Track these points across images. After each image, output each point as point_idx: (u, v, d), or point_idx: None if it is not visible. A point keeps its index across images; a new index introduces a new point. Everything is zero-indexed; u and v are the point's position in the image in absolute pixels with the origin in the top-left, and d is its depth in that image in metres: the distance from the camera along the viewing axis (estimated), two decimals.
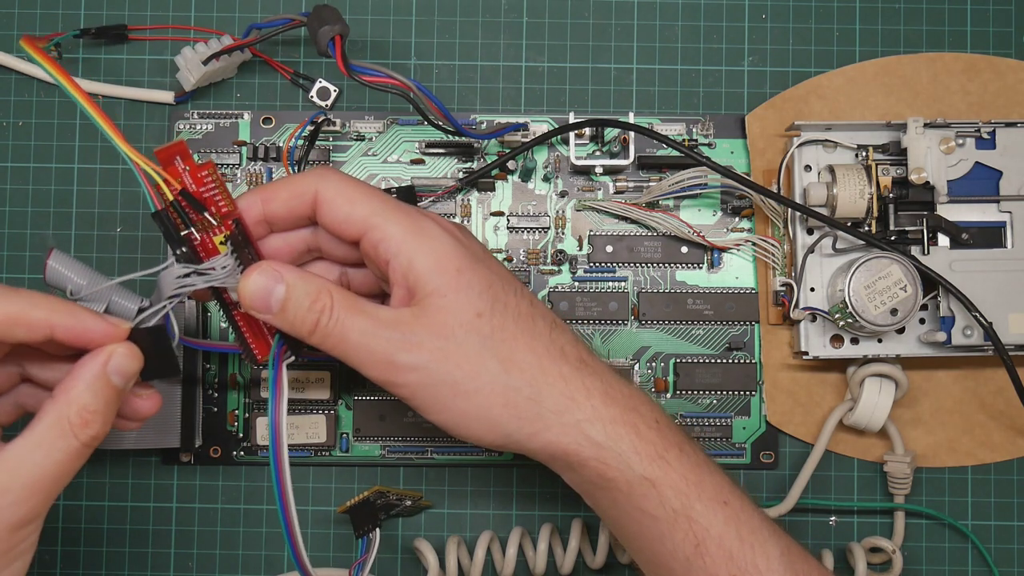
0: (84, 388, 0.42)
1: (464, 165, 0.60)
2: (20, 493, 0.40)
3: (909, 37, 0.61)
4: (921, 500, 0.59)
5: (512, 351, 0.45)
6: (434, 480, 0.59)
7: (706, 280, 0.59)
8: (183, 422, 0.56)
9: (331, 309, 0.44)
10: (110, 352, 0.43)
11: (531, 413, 0.45)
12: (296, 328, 0.44)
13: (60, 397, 0.42)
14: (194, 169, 0.45)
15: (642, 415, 0.47)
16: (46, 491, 0.41)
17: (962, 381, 0.59)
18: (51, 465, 0.41)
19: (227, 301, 0.47)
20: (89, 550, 0.59)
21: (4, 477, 0.40)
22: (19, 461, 0.41)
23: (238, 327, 0.47)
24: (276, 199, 0.46)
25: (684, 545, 0.46)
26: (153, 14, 0.60)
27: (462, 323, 0.44)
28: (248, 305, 0.44)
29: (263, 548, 0.59)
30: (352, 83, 0.59)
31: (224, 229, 0.45)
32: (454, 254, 0.45)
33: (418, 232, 0.45)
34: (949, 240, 0.57)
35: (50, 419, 0.41)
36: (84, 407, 0.41)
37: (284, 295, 0.44)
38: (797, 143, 0.57)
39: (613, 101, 0.61)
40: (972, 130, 0.57)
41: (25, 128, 0.60)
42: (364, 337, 0.44)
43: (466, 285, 0.45)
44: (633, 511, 0.46)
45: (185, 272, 0.45)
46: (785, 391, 0.59)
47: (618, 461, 0.45)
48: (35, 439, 0.41)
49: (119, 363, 0.43)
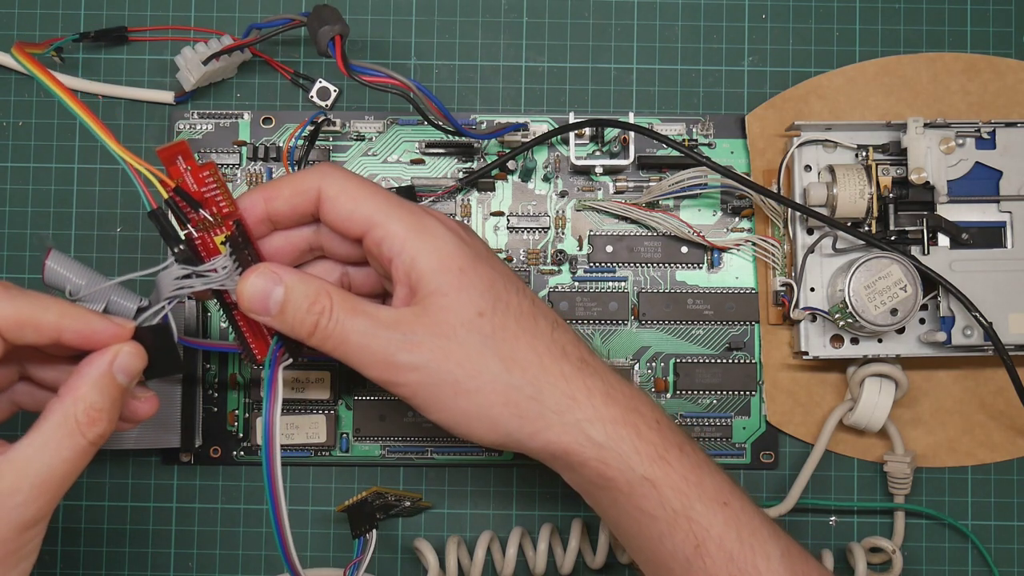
0: (91, 387, 0.42)
1: (464, 165, 0.60)
2: (29, 493, 0.40)
3: (909, 37, 0.61)
4: (921, 500, 0.59)
5: (514, 350, 0.45)
6: (434, 480, 0.59)
7: (706, 280, 0.59)
8: (183, 422, 0.56)
9: (330, 311, 0.44)
10: (116, 351, 0.43)
11: (532, 412, 0.45)
12: (295, 330, 0.44)
13: (66, 396, 0.42)
14: (195, 169, 0.45)
15: (643, 415, 0.47)
16: (54, 491, 0.41)
17: (962, 381, 0.59)
18: (59, 464, 0.41)
19: (227, 301, 0.47)
20: (89, 550, 0.59)
21: (13, 477, 0.40)
22: (27, 461, 0.41)
23: (238, 327, 0.47)
24: (279, 196, 0.46)
25: (684, 546, 0.46)
26: (153, 14, 0.60)
27: (463, 322, 0.44)
28: (247, 307, 0.44)
29: (263, 548, 0.59)
30: (352, 83, 0.59)
31: (225, 229, 0.45)
32: (457, 253, 0.45)
33: (421, 230, 0.45)
34: (949, 240, 0.57)
35: (57, 418, 0.41)
36: (91, 405, 0.42)
37: (283, 297, 0.44)
38: (797, 143, 0.57)
39: (613, 101, 0.61)
40: (972, 130, 0.57)
41: (25, 128, 0.60)
42: (364, 338, 0.44)
43: (468, 284, 0.45)
44: (633, 511, 0.46)
45: (184, 273, 0.45)
46: (785, 391, 0.59)
47: (619, 461, 0.45)
48: (42, 439, 0.41)
49: (125, 362, 0.43)
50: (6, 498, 0.40)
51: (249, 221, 0.46)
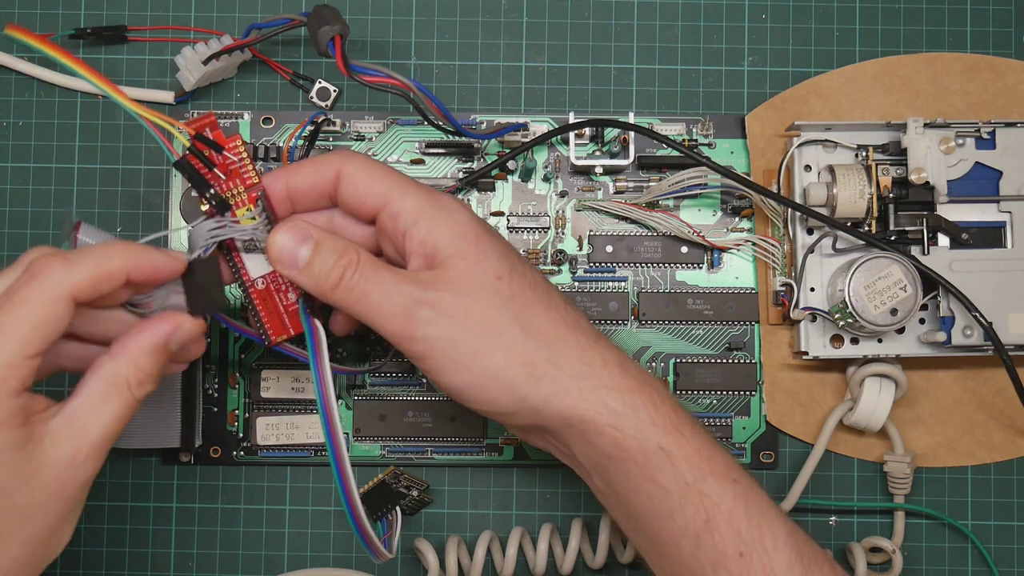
0: (145, 354, 0.43)
1: (464, 165, 0.60)
2: (90, 452, 0.42)
3: (909, 37, 0.61)
4: (921, 500, 0.59)
5: (531, 315, 0.46)
6: (434, 480, 0.59)
7: (706, 280, 0.59)
8: (183, 422, 0.56)
9: (357, 263, 0.46)
10: (178, 324, 0.44)
11: (548, 376, 0.46)
12: (320, 283, 0.46)
13: (120, 356, 0.43)
14: (222, 141, 0.47)
15: (657, 389, 0.47)
16: (109, 446, 0.43)
17: (962, 381, 0.59)
18: (114, 423, 0.43)
19: (245, 280, 0.49)
20: (89, 550, 0.59)
21: (75, 437, 0.42)
22: (87, 420, 0.42)
23: (254, 305, 0.49)
24: (300, 174, 0.48)
25: (695, 520, 0.46)
26: (153, 14, 0.60)
27: (483, 283, 0.46)
28: (276, 258, 0.46)
29: (263, 548, 0.59)
30: (352, 83, 0.59)
31: (249, 201, 0.47)
32: (472, 223, 0.47)
33: (436, 203, 0.47)
34: (949, 240, 0.57)
35: (109, 376, 0.43)
36: (141, 369, 0.43)
37: (312, 249, 0.46)
38: (797, 143, 0.57)
39: (613, 101, 0.61)
40: (972, 130, 0.57)
41: (25, 128, 0.60)
42: (385, 292, 0.45)
43: (485, 251, 0.46)
44: (645, 484, 0.46)
45: (217, 225, 0.47)
46: (785, 391, 0.59)
47: (635, 430, 0.46)
48: (98, 397, 0.42)
49: (183, 337, 0.45)
50: (71, 458, 0.41)
51: (271, 199, 0.48)
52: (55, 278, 0.42)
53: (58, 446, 0.41)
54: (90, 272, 0.42)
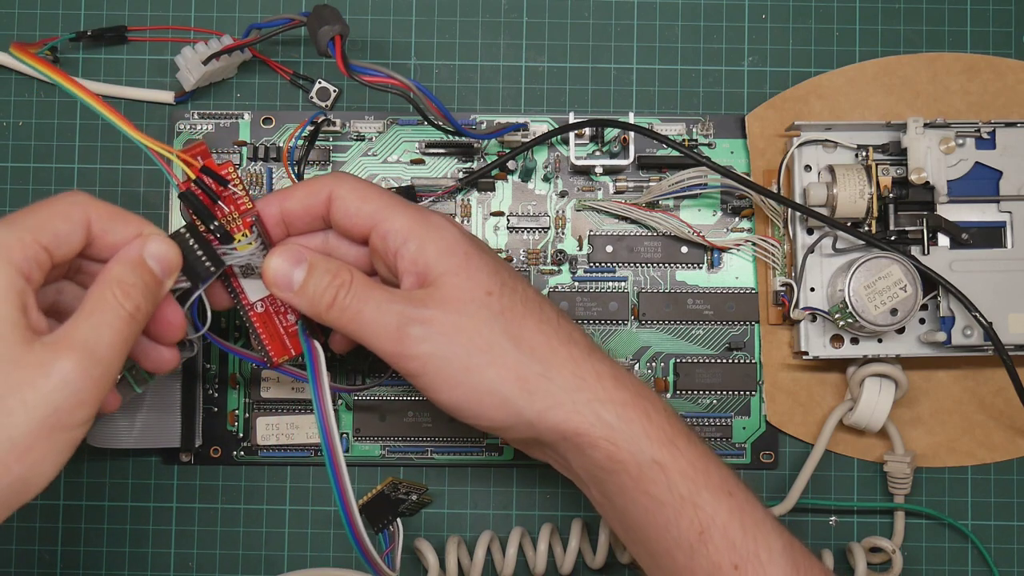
0: (122, 266, 0.43)
1: (464, 165, 0.60)
2: (80, 362, 0.40)
3: (909, 37, 0.61)
4: (921, 500, 0.59)
5: (522, 329, 0.46)
6: (434, 480, 0.59)
7: (706, 280, 0.59)
8: (183, 422, 0.56)
9: (350, 283, 0.46)
10: (146, 237, 0.44)
11: (542, 390, 0.46)
12: (315, 304, 0.46)
13: (100, 278, 0.43)
14: (214, 168, 0.47)
15: (652, 402, 0.47)
16: (103, 365, 0.41)
17: (962, 381, 0.59)
18: (113, 335, 0.41)
19: (244, 302, 0.49)
20: (89, 550, 0.59)
21: (68, 348, 0.40)
22: (79, 331, 0.41)
23: (255, 328, 0.49)
24: (293, 197, 0.49)
25: (689, 532, 0.46)
26: (153, 14, 0.60)
27: (474, 299, 0.46)
28: (271, 281, 0.47)
29: (263, 548, 0.59)
30: (352, 83, 0.59)
31: (244, 226, 0.48)
32: (462, 240, 0.47)
33: (425, 222, 0.47)
34: (949, 240, 0.57)
35: (95, 296, 0.42)
36: (121, 280, 0.43)
37: (306, 272, 0.46)
38: (797, 143, 0.57)
39: (613, 101, 0.61)
40: (972, 130, 0.57)
41: (25, 128, 0.60)
42: (378, 311, 0.45)
43: (475, 267, 0.47)
44: (640, 497, 0.46)
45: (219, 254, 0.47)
46: (785, 391, 0.59)
47: (629, 443, 0.46)
48: (92, 317, 0.41)
49: (155, 247, 0.44)
50: (62, 374, 0.40)
51: (265, 223, 0.49)
52: (80, 200, 0.43)
53: (49, 358, 0.40)
54: (107, 208, 0.44)
